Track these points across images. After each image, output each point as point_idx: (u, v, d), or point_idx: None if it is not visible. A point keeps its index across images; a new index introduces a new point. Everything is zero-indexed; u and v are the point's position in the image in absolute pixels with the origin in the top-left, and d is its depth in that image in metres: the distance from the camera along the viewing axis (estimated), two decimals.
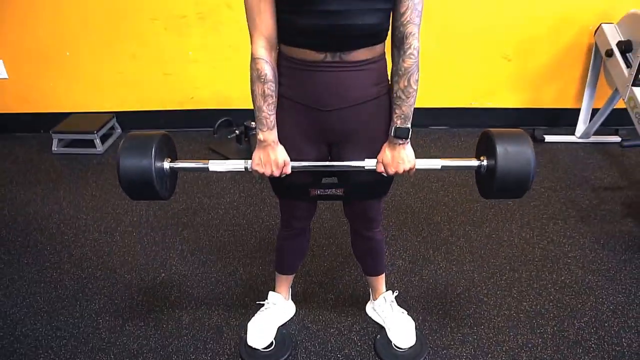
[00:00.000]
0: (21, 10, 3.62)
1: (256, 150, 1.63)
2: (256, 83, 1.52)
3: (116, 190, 3.28)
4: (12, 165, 3.63)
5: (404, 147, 1.62)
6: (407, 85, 1.56)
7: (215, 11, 3.63)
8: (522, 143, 1.60)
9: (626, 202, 3.05)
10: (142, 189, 1.63)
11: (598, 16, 3.51)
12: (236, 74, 3.76)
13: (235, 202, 3.14)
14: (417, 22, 1.51)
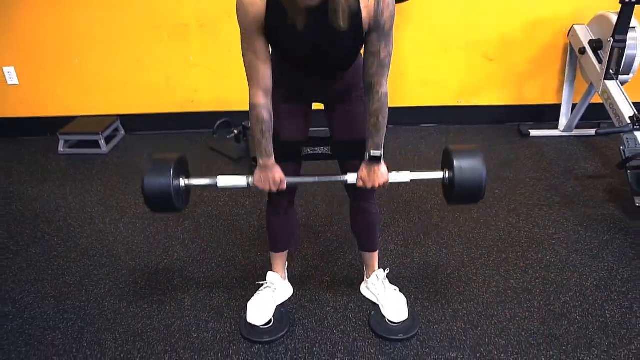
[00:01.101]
0: (33, 20, 3.66)
1: (257, 171, 1.84)
2: (255, 124, 1.74)
3: (120, 186, 3.30)
4: (20, 166, 3.64)
5: (379, 166, 1.82)
6: (377, 122, 1.74)
7: (215, 19, 3.67)
8: (475, 158, 1.81)
9: (608, 188, 3.07)
10: (162, 204, 1.86)
11: (570, 18, 3.58)
12: (234, 78, 3.74)
13: (234, 194, 3.14)
14: (382, 73, 1.68)
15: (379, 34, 1.60)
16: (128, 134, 4.03)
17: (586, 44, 3.36)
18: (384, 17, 1.57)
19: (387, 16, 1.57)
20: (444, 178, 1.87)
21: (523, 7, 3.61)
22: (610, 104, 3.10)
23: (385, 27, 1.59)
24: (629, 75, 3.23)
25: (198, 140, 3.87)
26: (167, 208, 1.87)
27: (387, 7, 1.56)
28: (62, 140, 3.77)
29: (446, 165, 1.88)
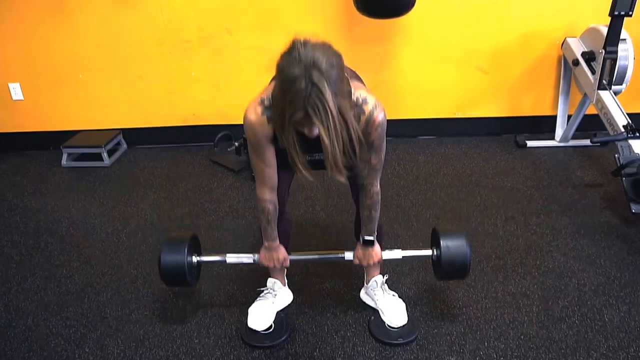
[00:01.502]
0: (39, 37, 3.71)
1: (262, 250, 2.04)
2: (262, 215, 1.91)
3: (122, 197, 3.32)
4: (24, 178, 3.67)
5: (372, 248, 2.03)
6: (369, 214, 1.94)
7: (216, 36, 3.72)
8: (460, 240, 2.00)
9: (605, 196, 3.08)
10: (176, 279, 2.05)
11: (563, 31, 3.63)
12: (235, 92, 3.85)
13: (234, 205, 3.16)
14: (375, 176, 1.84)
15: (369, 148, 1.72)
16: (130, 147, 4.06)
17: (579, 55, 3.40)
18: (372, 137, 1.69)
19: (375, 136, 1.70)
20: (433, 255, 2.08)
21: (516, 20, 3.65)
22: (605, 113, 3.13)
23: (374, 144, 1.72)
24: (622, 85, 3.27)
25: (199, 153, 3.90)
26: (181, 283, 2.07)
27: (376, 130, 1.68)
28: (65, 153, 3.80)
29: (434, 244, 2.08)
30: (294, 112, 1.45)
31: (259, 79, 2.27)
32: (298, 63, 1.40)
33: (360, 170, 1.81)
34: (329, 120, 1.44)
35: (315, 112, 1.43)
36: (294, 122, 1.49)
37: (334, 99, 1.43)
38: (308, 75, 1.39)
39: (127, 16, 3.66)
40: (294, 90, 1.41)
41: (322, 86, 1.40)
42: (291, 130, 1.55)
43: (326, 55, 1.43)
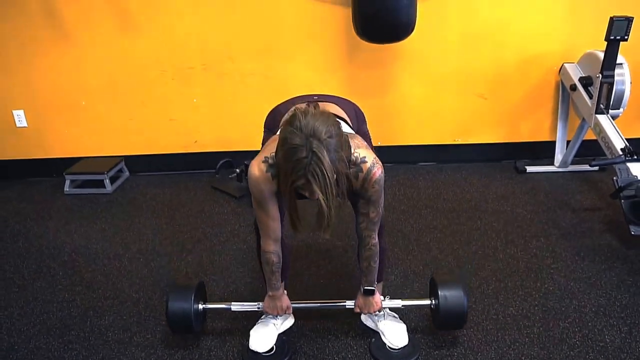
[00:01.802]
0: (44, 65, 3.79)
1: (266, 299, 2.10)
2: (266, 266, 1.97)
3: (124, 223, 3.35)
4: (27, 205, 3.70)
5: (373, 297, 2.09)
6: (369, 265, 2.00)
7: (219, 63, 3.79)
8: (458, 290, 2.07)
9: (604, 220, 3.10)
10: (183, 326, 2.11)
11: (560, 57, 3.70)
12: (236, 119, 3.91)
13: (236, 230, 3.19)
14: (373, 228, 1.92)
15: (366, 202, 1.83)
16: (132, 174, 4.10)
17: (576, 80, 3.46)
18: (369, 192, 1.79)
19: (372, 192, 1.79)
20: (431, 305, 2.14)
21: (514, 47, 3.73)
22: (602, 137, 3.17)
23: (372, 199, 1.82)
24: (619, 109, 3.32)
25: (201, 179, 3.93)
26: (187, 329, 2.14)
27: (372, 187, 1.78)
28: (68, 180, 3.83)
29: (433, 294, 2.14)
30: (296, 179, 1.56)
31: (260, 106, 2.34)
32: (299, 133, 1.52)
33: (358, 223, 1.92)
34: (327, 187, 1.55)
35: (315, 179, 1.53)
36: (295, 187, 1.60)
37: (332, 166, 1.54)
38: (309, 144, 1.51)
39: (131, 44, 3.74)
40: (296, 159, 1.52)
41: (321, 155, 1.51)
42: (292, 195, 1.66)
43: (325, 126, 1.54)
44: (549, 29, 3.68)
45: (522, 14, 3.65)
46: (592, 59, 3.41)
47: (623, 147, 3.00)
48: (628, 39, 3.10)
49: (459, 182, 3.73)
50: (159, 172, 4.10)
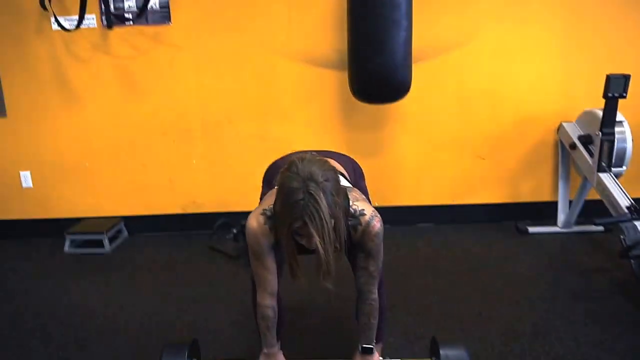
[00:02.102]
0: (52, 127, 3.76)
1: (261, 357, 1.92)
2: (261, 321, 1.85)
3: (121, 282, 3.21)
4: (27, 263, 3.59)
5: (372, 356, 1.92)
6: (368, 321, 1.88)
7: (218, 125, 3.75)
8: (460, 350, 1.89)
9: (614, 282, 2.90)
10: None
11: (558, 116, 3.61)
12: (234, 180, 3.82)
13: (232, 290, 3.01)
14: (374, 283, 1.83)
15: (366, 256, 1.76)
16: (131, 234, 3.96)
17: (576, 139, 3.36)
18: (369, 245, 1.74)
19: (371, 246, 1.74)
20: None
21: (511, 107, 3.66)
22: (606, 195, 3.03)
23: (371, 252, 1.75)
24: (622, 167, 3.18)
25: (198, 240, 3.79)
26: None
27: (372, 240, 1.73)
28: (68, 240, 3.72)
29: (434, 354, 1.95)
30: (293, 221, 1.52)
31: (258, 167, 2.27)
32: (297, 177, 1.51)
33: (358, 278, 1.83)
34: (324, 229, 1.50)
35: (312, 221, 1.49)
36: (292, 231, 1.55)
37: (329, 209, 1.51)
38: (305, 187, 1.49)
39: (134, 107, 3.72)
40: (293, 201, 1.50)
41: (318, 197, 1.49)
42: (290, 241, 1.60)
43: (322, 170, 1.54)
44: (545, 89, 3.63)
45: (517, 74, 3.61)
46: (590, 117, 3.32)
47: (628, 206, 2.86)
48: (626, 96, 3.03)
49: (459, 243, 3.56)
50: (157, 233, 3.96)
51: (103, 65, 3.65)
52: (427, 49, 3.53)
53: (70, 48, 3.61)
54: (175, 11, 3.55)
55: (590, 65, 3.52)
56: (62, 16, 3.48)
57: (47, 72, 3.66)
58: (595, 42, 3.55)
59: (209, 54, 3.63)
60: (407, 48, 3.11)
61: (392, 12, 3.01)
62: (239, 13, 3.54)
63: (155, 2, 3.52)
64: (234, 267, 3.34)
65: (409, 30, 3.06)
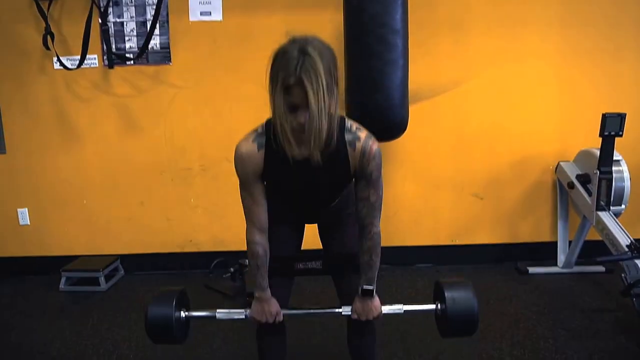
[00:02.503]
0: (51, 164, 3.73)
1: (254, 303, 1.84)
2: (251, 259, 1.79)
3: (115, 320, 3.11)
4: (21, 301, 3.49)
5: (372, 300, 1.81)
6: (370, 259, 1.76)
7: (216, 164, 3.72)
8: (465, 290, 1.81)
9: (616, 322, 2.79)
10: (163, 334, 1.88)
11: (555, 156, 3.59)
12: (231, 219, 3.71)
13: (227, 329, 2.92)
14: (374, 215, 1.74)
15: (367, 182, 1.69)
16: (127, 273, 3.87)
17: (574, 178, 3.31)
18: (369, 167, 1.66)
19: (372, 167, 1.66)
20: (437, 310, 1.85)
21: (508, 147, 3.63)
22: (606, 234, 2.96)
23: (372, 176, 1.68)
24: (621, 206, 3.13)
25: (195, 279, 3.69)
26: (168, 339, 1.90)
27: (373, 159, 1.65)
28: (63, 277, 3.64)
29: (438, 298, 1.87)
30: (286, 77, 1.44)
31: None
32: (292, 43, 1.46)
33: (359, 211, 1.74)
34: (319, 87, 1.43)
35: (308, 77, 1.42)
36: (284, 88, 1.46)
37: (324, 71, 1.44)
38: (302, 48, 1.44)
39: (133, 145, 3.70)
40: (287, 58, 1.44)
41: (315, 57, 1.43)
42: (281, 100, 1.49)
43: (320, 42, 1.49)
44: (542, 128, 3.61)
45: (514, 114, 3.60)
46: (588, 156, 3.29)
47: (629, 244, 2.79)
48: (622, 135, 3.01)
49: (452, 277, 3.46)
50: (154, 271, 3.86)
51: (103, 104, 3.65)
52: (423, 89, 3.53)
53: (71, 87, 3.62)
54: (175, 52, 3.58)
55: (586, 105, 3.52)
56: (64, 56, 3.50)
57: (47, 110, 3.66)
58: (590, 81, 3.56)
59: (208, 93, 3.64)
60: (403, 87, 3.09)
61: (388, 52, 3.01)
62: (236, 53, 3.56)
63: (156, 43, 3.55)
64: (230, 306, 3.22)
65: (405, 69, 3.06)
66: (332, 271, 1.97)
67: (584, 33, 3.52)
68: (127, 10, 3.54)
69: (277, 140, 1.60)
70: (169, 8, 3.52)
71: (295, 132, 1.53)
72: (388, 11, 2.97)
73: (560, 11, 3.51)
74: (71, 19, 3.50)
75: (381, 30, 2.98)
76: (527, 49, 3.54)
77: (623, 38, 3.53)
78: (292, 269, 1.94)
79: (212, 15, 3.55)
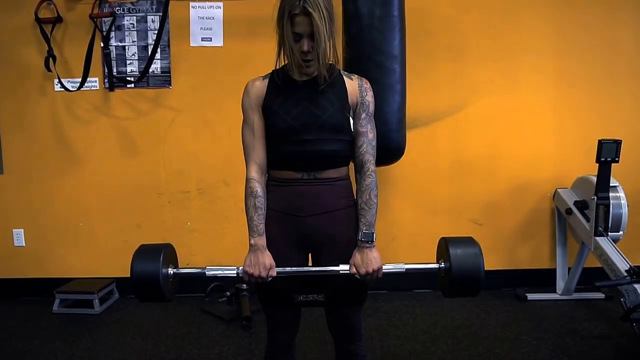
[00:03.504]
0: (48, 185, 3.72)
1: (248, 254, 1.75)
2: (249, 198, 1.75)
3: (109, 342, 3.07)
4: (13, 323, 3.43)
5: (371, 250, 1.76)
6: (369, 198, 1.78)
7: (214, 187, 3.71)
8: (471, 246, 1.76)
9: (617, 348, 2.77)
10: (150, 290, 1.77)
11: (553, 183, 3.61)
12: (228, 243, 3.72)
13: (224, 353, 2.87)
14: (372, 152, 1.81)
15: (366, 114, 1.79)
16: (122, 296, 3.82)
17: (572, 205, 3.31)
18: (367, 97, 1.80)
19: (369, 97, 1.81)
20: (440, 269, 1.80)
21: (505, 174, 3.65)
22: (605, 259, 2.95)
23: (369, 108, 1.80)
24: (619, 232, 3.12)
25: (191, 302, 3.64)
26: (155, 296, 1.79)
27: (369, 90, 1.81)
28: (58, 299, 3.59)
29: (441, 256, 1.81)
30: (292, 8, 1.62)
31: None
32: None
33: (358, 147, 1.79)
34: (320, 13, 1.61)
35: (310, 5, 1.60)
36: (290, 18, 1.63)
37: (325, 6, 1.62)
38: None
39: (131, 167, 3.70)
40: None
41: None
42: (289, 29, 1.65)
43: None
44: (539, 156, 3.64)
45: (511, 142, 3.63)
46: (585, 183, 3.30)
47: (627, 269, 2.78)
48: (619, 161, 3.02)
49: (457, 308, 3.41)
50: None
51: (103, 126, 3.67)
52: (421, 116, 3.56)
53: (71, 109, 3.64)
54: (175, 76, 3.62)
55: (583, 133, 3.54)
56: (65, 78, 3.53)
57: (46, 131, 3.67)
58: (587, 109, 3.61)
59: (207, 117, 3.66)
60: (401, 112, 3.10)
61: (386, 77, 3.03)
62: (236, 78, 3.49)
63: (157, 67, 3.58)
64: (226, 330, 3.19)
65: (403, 94, 3.08)
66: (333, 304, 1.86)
67: (579, 61, 3.59)
68: (129, 35, 3.58)
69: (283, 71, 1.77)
70: (170, 33, 3.57)
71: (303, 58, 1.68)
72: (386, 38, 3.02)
73: (555, 40, 3.58)
74: (73, 42, 3.54)
75: (379, 57, 3.01)
76: (523, 77, 3.60)
77: (618, 65, 3.59)
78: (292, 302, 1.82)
79: (213, 40, 3.60)
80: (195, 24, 3.55)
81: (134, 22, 3.56)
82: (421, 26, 3.44)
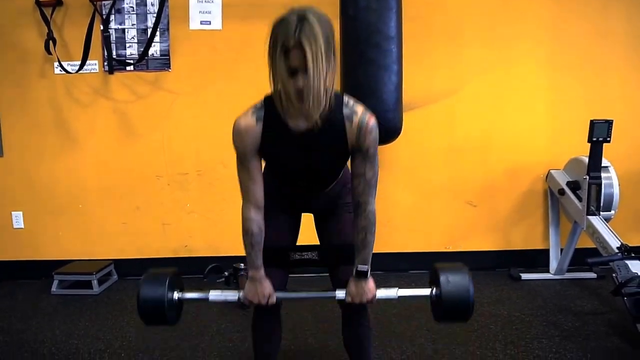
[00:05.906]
0: (47, 167, 3.72)
1: (247, 283, 1.79)
2: (245, 236, 1.75)
3: (107, 322, 3.06)
4: (12, 303, 3.43)
5: (366, 282, 1.76)
6: (364, 238, 1.74)
7: (212, 169, 3.72)
8: (461, 274, 1.77)
9: (609, 323, 2.79)
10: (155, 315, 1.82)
11: (546, 165, 3.63)
12: (227, 225, 3.68)
13: (221, 329, 2.88)
14: (371, 193, 1.72)
15: (363, 157, 1.65)
16: (121, 278, 3.82)
17: (564, 185, 3.35)
18: (366, 142, 1.63)
19: (369, 142, 1.63)
20: (432, 295, 1.81)
21: (499, 156, 3.68)
22: (597, 237, 2.98)
23: (368, 152, 1.65)
24: (610, 211, 3.16)
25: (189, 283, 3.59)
26: (160, 320, 1.84)
27: (370, 133, 1.62)
28: (56, 280, 3.59)
29: (433, 282, 1.83)
30: (286, 40, 1.44)
31: None
32: (291, 12, 1.47)
33: (354, 188, 1.72)
34: (317, 48, 1.44)
35: (306, 39, 1.43)
36: (284, 52, 1.46)
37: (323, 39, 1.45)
38: (301, 15, 1.45)
39: (130, 150, 3.70)
40: (286, 24, 1.45)
41: (313, 23, 1.44)
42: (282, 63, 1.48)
43: (319, 11, 1.49)
44: (533, 137, 3.67)
45: (506, 124, 3.66)
46: (577, 164, 3.33)
47: (619, 246, 2.81)
48: (610, 140, 3.04)
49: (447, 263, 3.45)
50: None
51: (102, 109, 3.66)
52: (417, 98, 3.57)
53: (71, 91, 3.63)
54: (175, 59, 3.61)
55: (576, 115, 3.55)
56: (65, 61, 3.52)
57: (46, 114, 3.66)
58: (579, 93, 3.63)
59: (206, 99, 3.66)
60: (398, 92, 3.13)
61: (383, 58, 3.05)
62: (235, 61, 3.60)
63: (156, 50, 3.58)
64: (224, 308, 3.19)
65: (399, 75, 3.10)
66: (328, 262, 1.94)
67: (573, 45, 3.61)
68: (128, 18, 3.57)
69: (277, 111, 1.61)
70: (170, 16, 3.56)
71: (296, 96, 1.52)
72: (383, 19, 3.03)
73: (550, 24, 3.60)
74: (73, 25, 3.53)
75: (376, 37, 3.03)
76: (517, 61, 3.61)
77: (611, 48, 3.61)
78: (288, 260, 1.91)
79: (212, 24, 3.59)
80: (195, 7, 3.54)
81: (134, 5, 3.55)
82: (417, 9, 3.44)
